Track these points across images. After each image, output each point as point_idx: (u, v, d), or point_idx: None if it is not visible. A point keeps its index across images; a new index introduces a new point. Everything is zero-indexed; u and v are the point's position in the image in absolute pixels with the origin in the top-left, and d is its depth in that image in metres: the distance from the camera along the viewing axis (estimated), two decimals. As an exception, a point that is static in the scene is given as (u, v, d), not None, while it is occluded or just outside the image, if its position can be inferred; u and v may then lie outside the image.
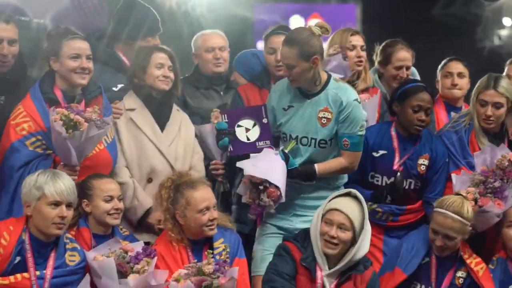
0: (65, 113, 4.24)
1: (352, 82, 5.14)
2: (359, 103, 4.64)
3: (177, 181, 4.50)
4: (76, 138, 4.24)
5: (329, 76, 4.64)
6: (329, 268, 4.42)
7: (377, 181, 4.93)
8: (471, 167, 4.91)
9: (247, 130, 4.70)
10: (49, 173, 4.12)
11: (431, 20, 8.43)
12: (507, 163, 4.79)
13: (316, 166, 4.61)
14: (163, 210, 4.47)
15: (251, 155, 4.59)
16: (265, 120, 4.67)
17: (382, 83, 5.49)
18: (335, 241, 4.37)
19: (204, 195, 4.45)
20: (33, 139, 4.40)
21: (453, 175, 4.89)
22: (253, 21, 7.92)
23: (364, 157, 4.77)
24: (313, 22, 9.00)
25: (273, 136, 4.70)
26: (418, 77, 5.61)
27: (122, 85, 4.96)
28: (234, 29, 7.01)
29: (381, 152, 4.92)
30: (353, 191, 4.51)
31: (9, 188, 4.37)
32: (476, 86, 5.09)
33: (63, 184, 4.10)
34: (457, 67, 5.58)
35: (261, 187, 4.46)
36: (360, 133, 4.62)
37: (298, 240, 4.46)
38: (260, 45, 6.44)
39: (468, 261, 4.73)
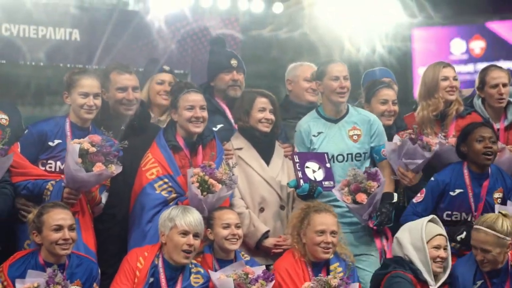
0: (201, 174, 4.87)
1: (445, 110, 5.62)
2: None
3: (310, 205, 5.08)
4: (209, 199, 4.89)
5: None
6: None
7: (456, 217, 5.29)
8: None
9: (313, 171, 5.27)
10: (180, 208, 4.84)
11: None
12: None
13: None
14: (292, 225, 5.05)
15: None
16: (328, 165, 5.32)
17: (485, 108, 5.74)
18: (443, 261, 4.92)
19: (323, 220, 5.00)
20: (161, 182, 5.05)
21: None
22: (411, 48, 8.11)
23: (440, 197, 5.26)
24: (475, 44, 9.04)
25: None
26: None
27: (222, 125, 5.53)
28: (393, 56, 7.24)
29: (458, 191, 5.27)
30: (433, 216, 5.04)
31: (139, 226, 5.01)
32: None
33: (191, 217, 4.77)
34: None
35: None
36: None
37: (402, 267, 4.90)
38: (422, 71, 6.69)
39: None
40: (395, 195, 5.37)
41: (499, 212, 4.97)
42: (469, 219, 5.26)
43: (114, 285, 4.70)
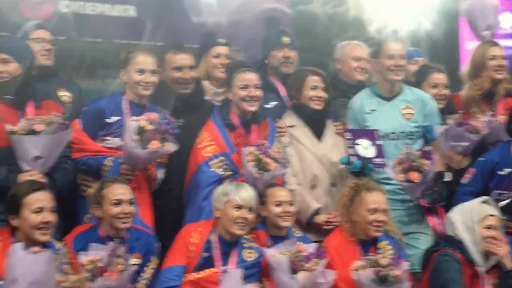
0: (256, 153, 4.98)
1: (493, 89, 5.67)
2: None
3: (359, 183, 5.15)
4: (264, 177, 5.00)
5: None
6: None
7: (504, 196, 5.29)
8: None
9: (364, 148, 5.35)
10: (234, 184, 4.97)
11: None
12: None
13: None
14: (342, 204, 5.12)
15: None
16: (379, 142, 5.37)
17: None
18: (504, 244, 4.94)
19: (376, 198, 5.07)
20: (216, 160, 5.15)
21: None
22: (458, 22, 8.03)
23: (488, 177, 5.29)
24: (526, 18, 8.90)
25: None
26: None
27: (275, 102, 5.63)
28: (440, 31, 7.19)
29: (507, 170, 5.30)
30: (487, 198, 5.07)
31: (195, 203, 5.13)
32: None
33: (246, 192, 4.89)
34: None
35: None
36: None
37: (452, 246, 4.96)
38: (469, 45, 6.74)
39: None
40: (448, 174, 5.43)
41: None
42: None
43: (168, 260, 4.82)
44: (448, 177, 5.43)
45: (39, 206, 4.34)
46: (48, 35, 5.32)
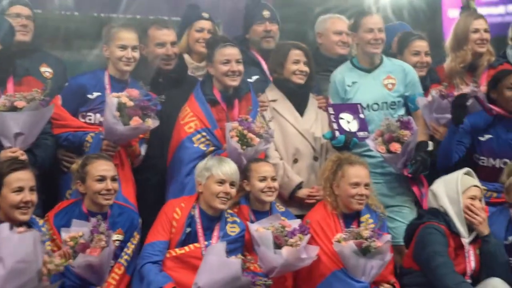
0: (239, 128, 4.97)
1: (476, 61, 5.68)
2: None
3: (341, 157, 5.15)
4: (248, 152, 4.99)
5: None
6: None
7: (483, 162, 5.40)
8: None
9: (348, 122, 5.34)
10: (216, 158, 4.95)
11: None
12: None
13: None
14: (324, 178, 5.13)
15: None
16: (362, 116, 5.37)
17: None
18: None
19: (357, 172, 5.08)
20: (199, 135, 5.13)
21: None
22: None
23: (470, 142, 5.35)
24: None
25: None
26: None
27: (257, 76, 5.62)
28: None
29: (487, 136, 5.35)
30: (468, 169, 5.10)
31: (178, 179, 5.12)
32: None
33: (228, 166, 4.88)
34: None
35: None
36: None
37: (436, 218, 4.98)
38: (452, 13, 6.68)
39: None
40: (430, 143, 5.47)
41: None
42: (497, 166, 5.34)
43: (151, 235, 4.82)
44: (431, 146, 5.45)
45: (19, 185, 4.31)
46: (25, 10, 5.27)
